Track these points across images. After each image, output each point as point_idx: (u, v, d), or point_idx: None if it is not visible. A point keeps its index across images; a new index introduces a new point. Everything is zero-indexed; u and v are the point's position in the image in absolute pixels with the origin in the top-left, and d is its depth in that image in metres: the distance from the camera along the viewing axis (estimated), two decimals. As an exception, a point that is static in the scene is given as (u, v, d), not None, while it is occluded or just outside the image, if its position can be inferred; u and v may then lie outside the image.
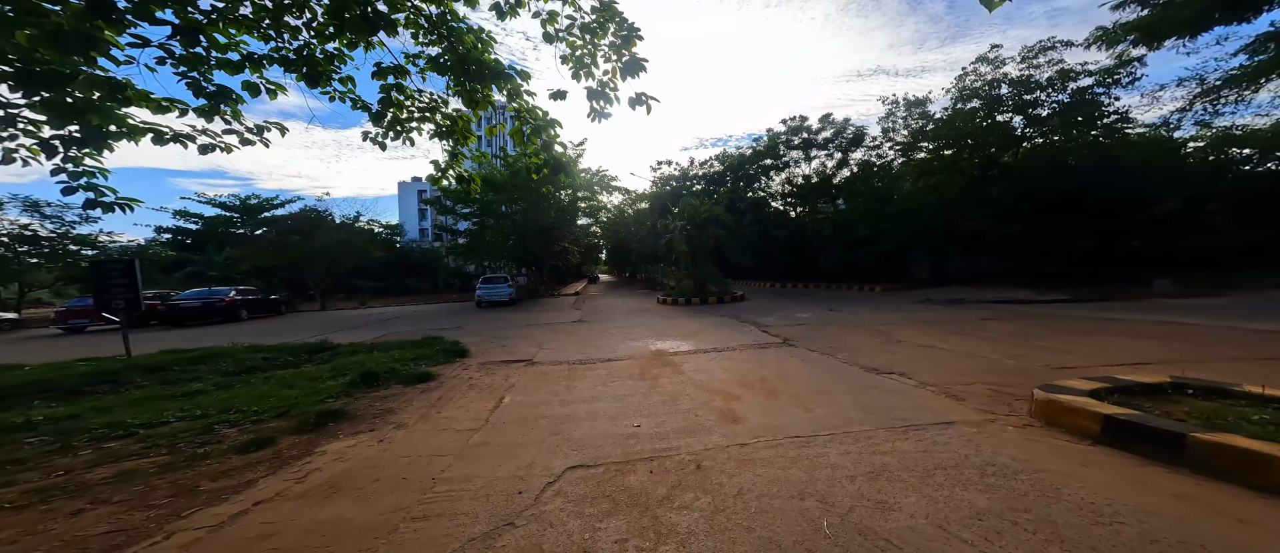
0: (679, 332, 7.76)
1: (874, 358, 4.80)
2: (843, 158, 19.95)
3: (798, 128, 20.11)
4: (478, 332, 9.03)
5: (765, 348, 5.83)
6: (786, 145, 20.85)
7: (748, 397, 3.72)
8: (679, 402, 3.68)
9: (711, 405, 3.52)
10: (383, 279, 30.23)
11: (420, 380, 4.65)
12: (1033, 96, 13.05)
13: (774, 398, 3.66)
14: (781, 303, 12.20)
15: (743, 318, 9.17)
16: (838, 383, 3.94)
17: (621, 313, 11.85)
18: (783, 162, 21.78)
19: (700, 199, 16.48)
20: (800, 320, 8.26)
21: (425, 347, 6.32)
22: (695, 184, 32.56)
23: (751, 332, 7.31)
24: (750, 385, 4.06)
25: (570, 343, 7.14)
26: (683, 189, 33.07)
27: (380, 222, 41.81)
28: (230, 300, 13.28)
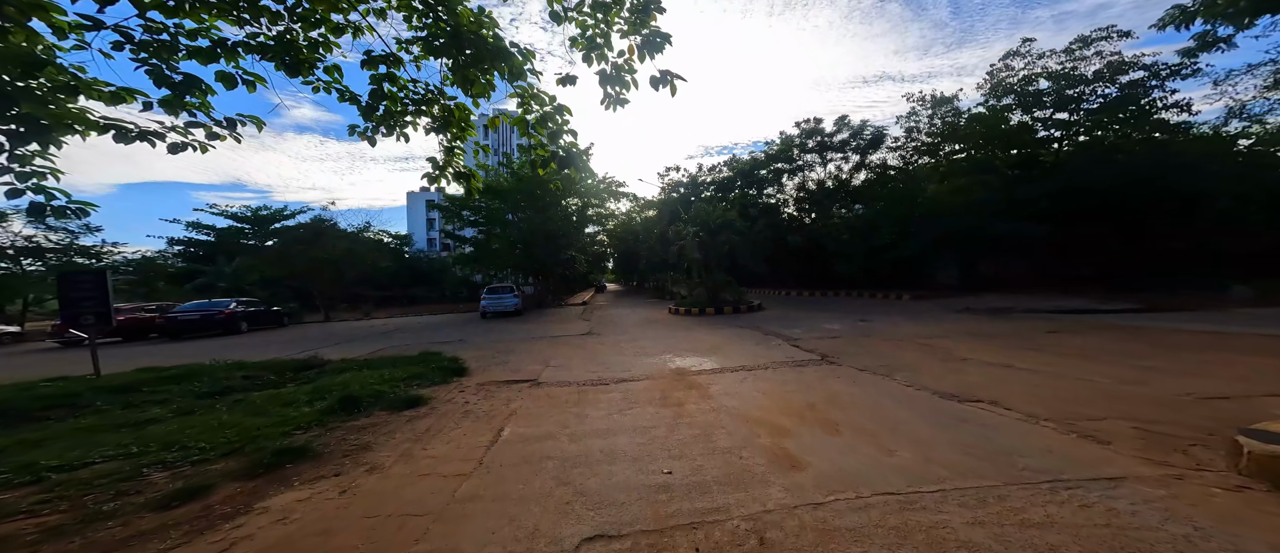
0: (698, 346, 7.06)
1: (943, 380, 4.05)
2: (860, 160, 19.24)
3: (812, 130, 19.54)
4: (480, 345, 8.45)
5: (802, 366, 5.10)
6: (800, 149, 20.25)
7: (800, 430, 3.01)
8: (715, 436, 3.00)
9: (757, 443, 2.83)
10: (390, 289, 30.12)
11: (409, 405, 4.04)
12: (1076, 91, 12.27)
13: (835, 432, 2.95)
14: (803, 312, 11.41)
15: (765, 330, 8.44)
16: (912, 414, 3.21)
17: (632, 324, 11.18)
18: (795, 166, 21.16)
19: (712, 204, 15.91)
20: (831, 333, 7.49)
21: (420, 364, 5.73)
22: (705, 190, 32.06)
23: (780, 346, 6.58)
24: (799, 415, 3.36)
25: (579, 359, 6.49)
26: (692, 196, 32.64)
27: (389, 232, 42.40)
28: (230, 313, 12.97)
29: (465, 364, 6.09)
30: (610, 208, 24.41)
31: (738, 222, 14.60)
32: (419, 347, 8.42)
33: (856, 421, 3.13)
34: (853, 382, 4.23)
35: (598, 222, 25.97)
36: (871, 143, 18.49)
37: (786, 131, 21.08)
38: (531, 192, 18.50)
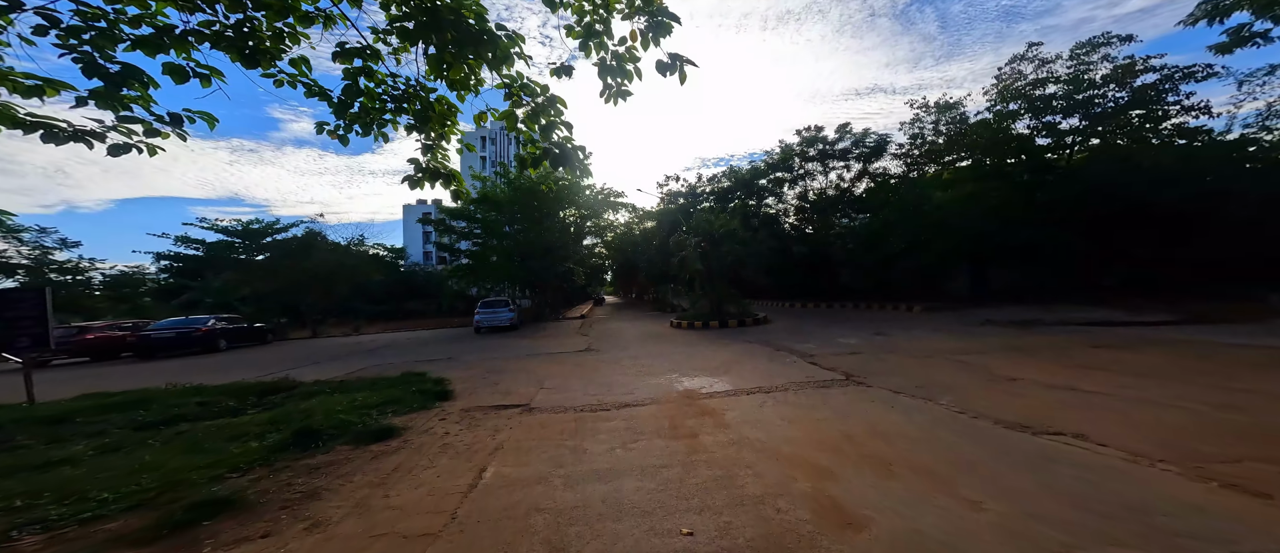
0: (705, 363, 6.53)
1: (1002, 406, 3.50)
2: (863, 168, 19.07)
3: (813, 138, 19.43)
4: (470, 363, 7.88)
5: (826, 387, 4.57)
6: (801, 157, 20.12)
7: (846, 472, 2.48)
8: (741, 480, 2.47)
9: (796, 489, 2.30)
10: (384, 304, 29.51)
11: (377, 437, 3.48)
12: (1087, 95, 12.02)
13: (890, 474, 2.42)
14: (812, 325, 10.90)
15: (776, 344, 7.91)
16: (981, 450, 2.67)
17: (633, 339, 10.63)
18: (797, 175, 21.01)
19: (714, 214, 15.59)
20: (849, 348, 6.97)
21: (400, 386, 5.17)
22: (704, 200, 31.96)
23: (796, 363, 6.05)
24: (838, 450, 2.83)
25: (577, 379, 5.94)
26: (691, 206, 32.53)
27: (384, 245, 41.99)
28: (207, 330, 12.30)
29: (450, 386, 5.53)
30: (608, 219, 24.12)
31: (740, 231, 14.21)
32: (404, 365, 7.85)
33: (913, 458, 2.59)
34: (891, 407, 3.70)
35: (596, 233, 25.67)
36: (874, 150, 18.34)
37: (786, 140, 21.07)
38: (528, 202, 18.20)
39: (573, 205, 20.74)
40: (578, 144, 3.26)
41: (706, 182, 31.41)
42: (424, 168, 3.37)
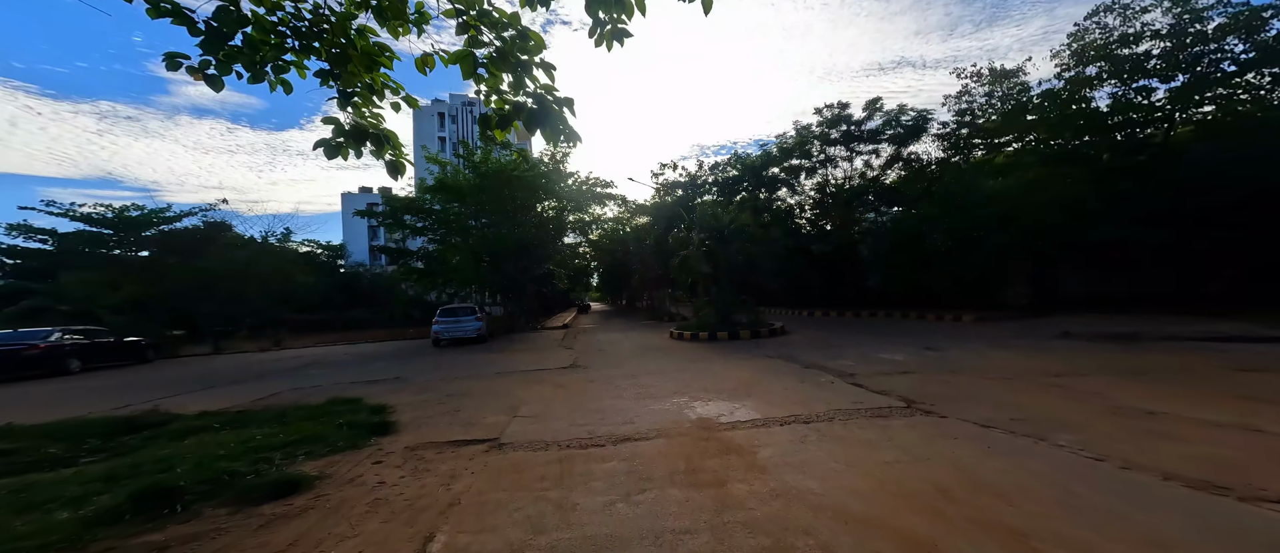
0: (719, 383, 6.09)
1: (1152, 452, 2.97)
2: (896, 153, 19.01)
3: (837, 118, 19.29)
4: (424, 385, 7.28)
5: (885, 417, 4.17)
6: (821, 140, 19.98)
7: (960, 548, 2.03)
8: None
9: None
10: (321, 312, 28.27)
11: (275, 494, 2.90)
12: (1194, 52, 10.69)
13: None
14: (841, 337, 10.59)
15: (803, 361, 7.54)
16: (1165, 521, 2.16)
17: (627, 353, 10.15)
18: (815, 161, 20.91)
19: (722, 206, 15.28)
20: (898, 366, 6.62)
21: (321, 418, 4.57)
22: (706, 192, 31.82)
23: (834, 384, 5.65)
24: (935, 511, 2.39)
25: (561, 404, 5.43)
26: (691, 198, 32.33)
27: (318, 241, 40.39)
28: (47, 347, 10.71)
29: (393, 416, 4.95)
30: (595, 213, 23.53)
31: (753, 227, 13.91)
32: (335, 388, 7.19)
33: (1063, 531, 2.14)
34: (987, 447, 3.28)
35: (580, 229, 25.08)
36: (911, 131, 18.05)
37: (804, 121, 20.95)
38: (498, 191, 17.56)
39: (552, 196, 20.17)
40: (561, 96, 2.81)
41: (709, 171, 31.22)
42: (345, 129, 2.87)
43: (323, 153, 2.78)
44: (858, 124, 19.14)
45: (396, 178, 3.15)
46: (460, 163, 18.56)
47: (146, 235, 16.54)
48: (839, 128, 19.39)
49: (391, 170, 3.11)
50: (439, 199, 18.46)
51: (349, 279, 33.96)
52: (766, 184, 24.10)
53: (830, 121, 19.59)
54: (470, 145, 18.88)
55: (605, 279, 47.30)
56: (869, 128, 18.94)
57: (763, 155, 23.65)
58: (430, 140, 47.63)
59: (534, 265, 20.92)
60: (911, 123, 18.13)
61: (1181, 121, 11.75)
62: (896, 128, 18.36)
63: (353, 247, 40.98)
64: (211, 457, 3.20)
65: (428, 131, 50.23)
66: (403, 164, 3.14)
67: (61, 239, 15.85)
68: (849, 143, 19.60)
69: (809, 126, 20.44)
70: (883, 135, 18.72)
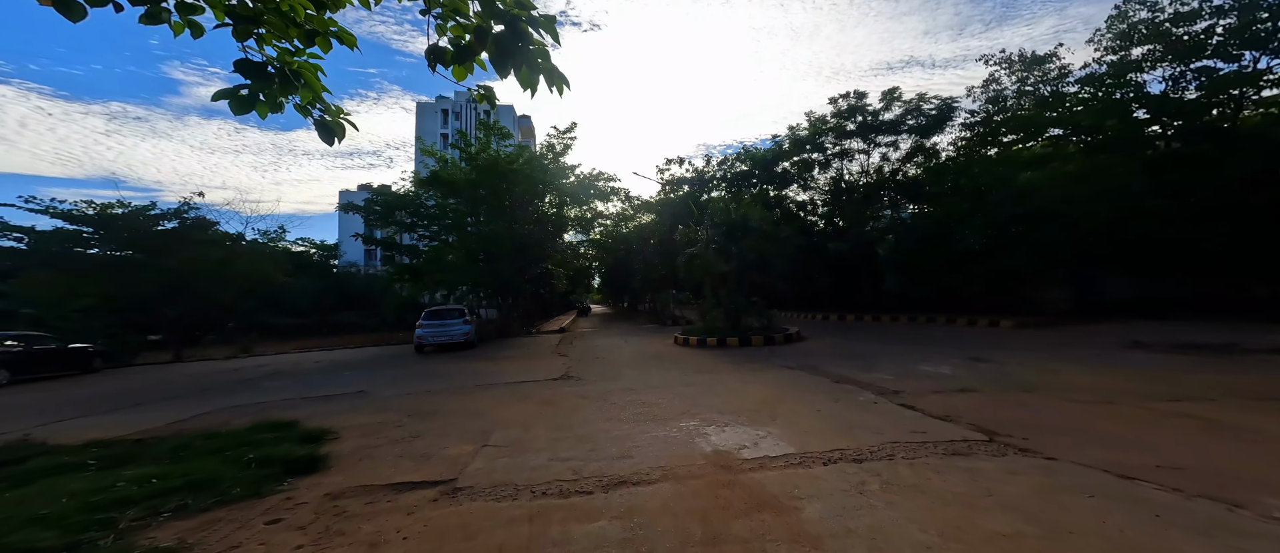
0: (736, 401, 5.17)
1: None
2: (917, 144, 17.96)
3: (853, 109, 18.27)
4: (387, 401, 6.39)
5: (966, 456, 3.21)
6: (836, 133, 18.99)
7: None
8: None
9: None
10: (310, 315, 27.47)
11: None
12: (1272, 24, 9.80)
13: None
14: (867, 345, 9.61)
15: (830, 373, 6.59)
16: None
17: (627, 361, 9.22)
18: (829, 155, 19.90)
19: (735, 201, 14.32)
20: (950, 382, 5.65)
21: (233, 451, 3.68)
22: (714, 188, 30.94)
23: (877, 405, 4.70)
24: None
25: (543, 427, 4.51)
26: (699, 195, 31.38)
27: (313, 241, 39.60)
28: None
29: (330, 446, 4.06)
30: (597, 208, 22.57)
31: (767, 222, 12.94)
32: (282, 404, 6.32)
33: None
34: (1156, 517, 2.25)
35: (580, 226, 24.10)
36: (935, 120, 17.03)
37: (818, 112, 19.97)
38: (494, 184, 16.70)
39: (553, 190, 19.27)
40: (539, 14, 1.96)
41: (717, 166, 30.37)
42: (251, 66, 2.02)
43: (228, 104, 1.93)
44: (875, 115, 18.15)
45: (331, 142, 2.31)
46: (457, 155, 17.73)
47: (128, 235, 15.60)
48: (855, 118, 18.40)
49: (323, 132, 2.27)
50: (434, 194, 17.63)
51: (341, 280, 33.17)
52: (777, 180, 23.15)
53: (845, 112, 18.61)
54: (468, 137, 18.03)
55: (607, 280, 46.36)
56: (887, 118, 17.93)
57: (773, 149, 22.68)
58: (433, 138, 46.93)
59: (530, 265, 20.02)
60: (935, 113, 17.10)
61: (1252, 104, 10.70)
62: (918, 118, 17.35)
63: (347, 248, 40.24)
64: (14, 523, 2.27)
65: (431, 129, 49.61)
66: (340, 124, 2.28)
67: (37, 238, 14.97)
68: (865, 134, 18.61)
69: (823, 117, 19.48)
70: (903, 126, 17.71)
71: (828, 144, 19.63)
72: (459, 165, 17.52)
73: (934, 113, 17.06)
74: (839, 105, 18.76)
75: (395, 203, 17.58)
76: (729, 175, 28.22)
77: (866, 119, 18.25)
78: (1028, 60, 13.96)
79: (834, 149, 19.65)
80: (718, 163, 30.15)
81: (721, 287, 12.47)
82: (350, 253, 38.59)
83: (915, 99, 17.44)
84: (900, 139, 18.29)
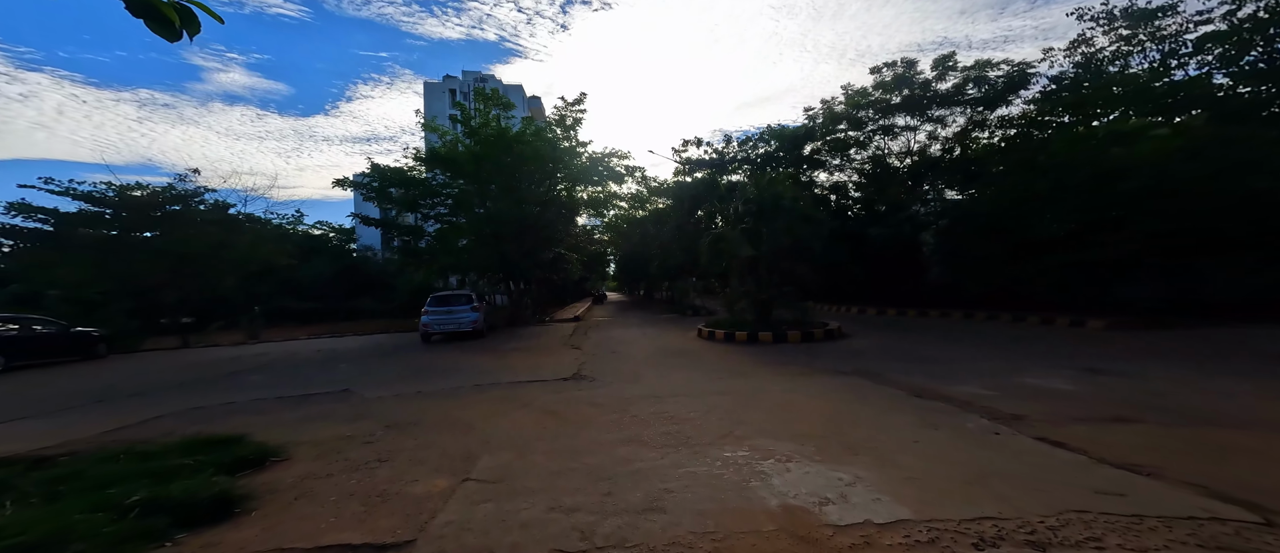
0: (791, 419, 4.04)
1: None
2: (976, 118, 15.85)
3: (900, 80, 16.25)
4: (367, 407, 5.49)
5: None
6: (878, 108, 17.07)
7: None
8: None
9: None
10: (326, 299, 27.46)
11: None
12: None
13: None
14: (926, 345, 8.26)
15: (901, 382, 5.36)
16: None
17: (646, 357, 8.15)
18: (869, 132, 17.98)
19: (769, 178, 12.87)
20: (1090, 405, 4.34)
21: (137, 482, 2.73)
22: (736, 170, 29.29)
23: (1011, 441, 3.47)
24: None
25: (543, 452, 3.48)
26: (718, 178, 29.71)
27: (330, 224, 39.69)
28: None
29: (263, 476, 3.12)
30: (611, 190, 21.22)
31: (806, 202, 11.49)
32: (247, 410, 5.50)
33: None
34: None
35: (594, 208, 22.82)
36: (1003, 90, 14.68)
37: (856, 85, 18.03)
38: (500, 160, 15.60)
39: (564, 168, 18.06)
40: None
41: (738, 148, 28.67)
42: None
43: None
44: (924, 85, 16.09)
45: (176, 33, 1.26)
46: (459, 129, 16.67)
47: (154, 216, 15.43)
48: (902, 91, 16.41)
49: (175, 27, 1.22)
50: (437, 173, 16.68)
51: (356, 265, 33.15)
52: (806, 161, 21.39)
53: (891, 84, 16.64)
54: (468, 110, 16.90)
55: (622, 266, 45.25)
56: (941, 89, 15.86)
57: (804, 127, 20.87)
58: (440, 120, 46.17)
59: (541, 249, 19.02)
60: (1003, 82, 14.86)
61: None
62: (982, 88, 15.12)
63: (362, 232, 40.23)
64: None
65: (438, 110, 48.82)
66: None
67: (62, 220, 14.90)
68: (914, 109, 16.60)
69: (863, 90, 17.55)
70: (960, 98, 15.57)
71: (867, 119, 17.74)
72: (461, 140, 16.52)
73: (1002, 82, 14.88)
74: (882, 76, 16.80)
75: (393, 180, 16.63)
76: (754, 156, 26.49)
77: (914, 92, 16.26)
78: (1136, 13, 11.52)
79: (875, 125, 17.75)
80: (739, 144, 28.43)
81: (749, 274, 11.19)
82: (365, 237, 38.55)
83: (976, 67, 15.33)
84: (952, 113, 16.25)
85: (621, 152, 19.28)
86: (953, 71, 15.62)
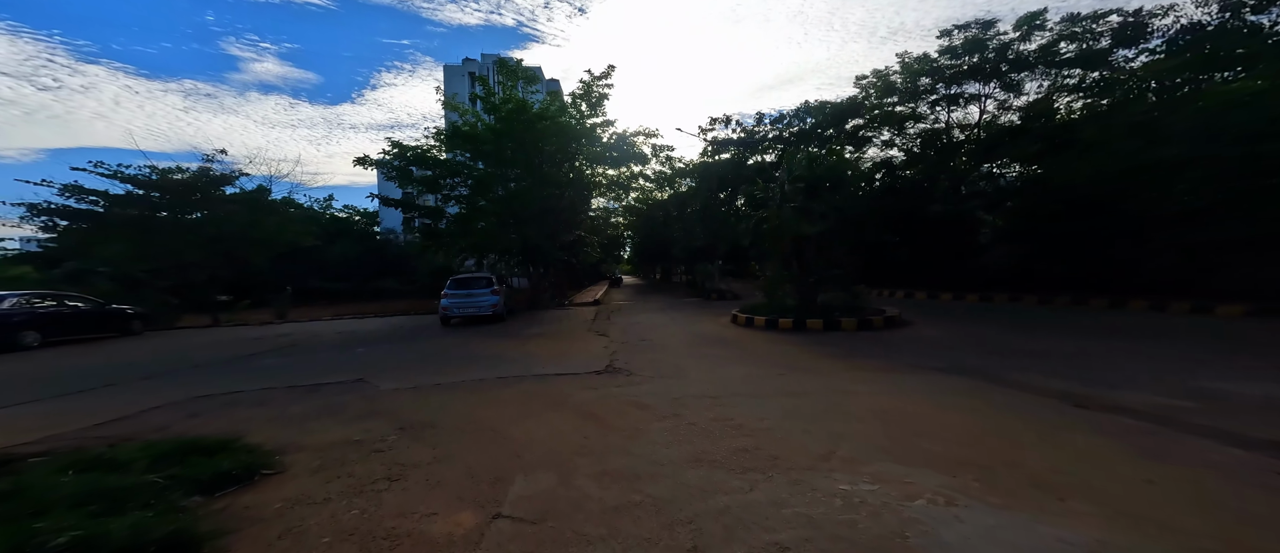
0: (912, 434, 3.16)
1: None
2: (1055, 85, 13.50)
3: (974, 42, 14.04)
4: (380, 400, 4.86)
5: None
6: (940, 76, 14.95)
7: None
8: None
9: None
10: (352, 280, 27.84)
11: None
12: None
13: None
14: (1027, 338, 7.08)
15: (1044, 388, 4.34)
16: None
17: (683, 346, 7.30)
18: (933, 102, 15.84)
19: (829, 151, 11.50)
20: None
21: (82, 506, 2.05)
22: (767, 150, 27.60)
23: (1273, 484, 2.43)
24: None
25: (589, 473, 2.72)
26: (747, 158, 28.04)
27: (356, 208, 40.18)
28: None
29: (245, 498, 2.41)
30: (635, 170, 20.08)
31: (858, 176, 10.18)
32: (253, 400, 4.96)
33: None
34: None
35: (617, 189, 21.76)
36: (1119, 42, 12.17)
37: (913, 52, 16.00)
38: (522, 137, 14.73)
39: (587, 147, 17.05)
40: None
41: (771, 125, 26.91)
42: None
43: None
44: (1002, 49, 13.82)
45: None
46: (480, 106, 15.83)
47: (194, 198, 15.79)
48: (974, 56, 14.32)
49: None
50: (458, 149, 15.95)
51: (381, 246, 33.46)
52: (849, 137, 19.61)
53: (961, 48, 14.55)
54: (490, 86, 15.97)
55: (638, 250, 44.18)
56: (1026, 50, 13.58)
57: (848, 100, 19.01)
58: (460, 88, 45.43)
59: (563, 231, 18.25)
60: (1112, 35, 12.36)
61: None
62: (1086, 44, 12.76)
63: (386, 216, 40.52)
64: None
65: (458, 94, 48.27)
66: None
67: (112, 202, 15.37)
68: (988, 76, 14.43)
69: (925, 57, 15.54)
70: (1053, 57, 13.12)
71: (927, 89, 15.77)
72: (481, 118, 15.69)
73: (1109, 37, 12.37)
74: (953, 39, 14.72)
75: (414, 159, 16.04)
76: (787, 136, 24.76)
77: (988, 56, 14.16)
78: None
79: (938, 95, 15.80)
80: (772, 121, 26.64)
81: (795, 256, 10.07)
82: (388, 220, 38.78)
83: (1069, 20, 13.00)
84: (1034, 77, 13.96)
85: (650, 129, 18.10)
86: (1040, 31, 13.40)
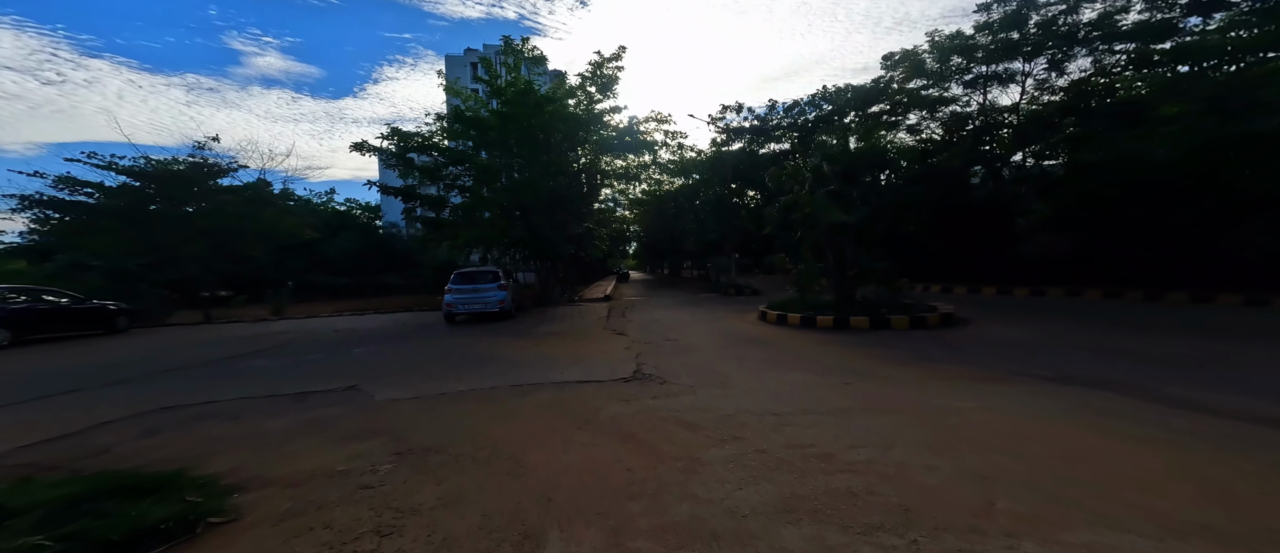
0: (1123, 484, 2.41)
1: None
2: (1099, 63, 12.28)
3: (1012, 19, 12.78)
4: (377, 410, 4.16)
5: None
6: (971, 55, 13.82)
7: None
8: None
9: None
10: (354, 275, 27.35)
11: None
12: None
13: None
14: (1135, 339, 6.24)
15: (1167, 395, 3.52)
16: None
17: (714, 348, 6.55)
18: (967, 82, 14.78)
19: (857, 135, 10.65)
20: None
21: None
22: (780, 139, 26.63)
23: None
24: None
25: (646, 525, 2.00)
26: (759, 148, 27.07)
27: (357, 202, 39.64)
28: None
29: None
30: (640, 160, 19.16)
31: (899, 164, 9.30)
32: (228, 412, 4.27)
33: None
34: None
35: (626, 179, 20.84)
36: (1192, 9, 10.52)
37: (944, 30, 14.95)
38: (528, 123, 13.92)
39: (595, 134, 16.21)
40: None
41: (785, 113, 25.94)
42: None
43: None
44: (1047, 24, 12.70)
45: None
46: (483, 90, 15.05)
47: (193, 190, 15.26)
48: (1015, 31, 13.24)
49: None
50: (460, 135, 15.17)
51: (383, 241, 32.90)
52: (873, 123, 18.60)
53: (1000, 25, 13.43)
54: (495, 69, 15.16)
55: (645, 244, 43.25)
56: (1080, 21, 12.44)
57: (874, 84, 17.99)
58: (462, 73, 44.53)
59: (572, 222, 17.47)
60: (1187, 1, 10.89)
61: None
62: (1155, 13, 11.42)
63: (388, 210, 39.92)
64: None
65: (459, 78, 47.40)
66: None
67: (107, 194, 14.85)
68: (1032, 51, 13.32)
69: (958, 34, 14.50)
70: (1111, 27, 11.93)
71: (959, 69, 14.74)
72: (485, 103, 14.88)
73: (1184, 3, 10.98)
74: (991, 15, 13.64)
75: (412, 144, 15.25)
76: (805, 122, 23.79)
77: (1034, 31, 13.07)
78: None
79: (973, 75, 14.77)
80: (786, 108, 25.64)
81: (831, 247, 9.25)
82: (391, 213, 38.17)
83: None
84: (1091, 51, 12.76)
85: (662, 115, 17.18)
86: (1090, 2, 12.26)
